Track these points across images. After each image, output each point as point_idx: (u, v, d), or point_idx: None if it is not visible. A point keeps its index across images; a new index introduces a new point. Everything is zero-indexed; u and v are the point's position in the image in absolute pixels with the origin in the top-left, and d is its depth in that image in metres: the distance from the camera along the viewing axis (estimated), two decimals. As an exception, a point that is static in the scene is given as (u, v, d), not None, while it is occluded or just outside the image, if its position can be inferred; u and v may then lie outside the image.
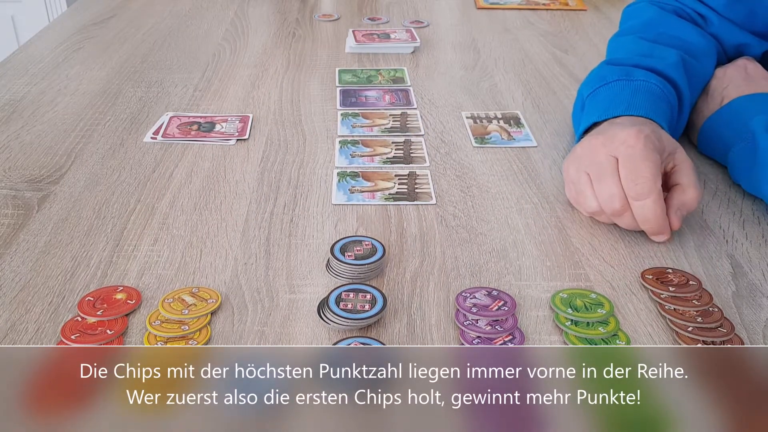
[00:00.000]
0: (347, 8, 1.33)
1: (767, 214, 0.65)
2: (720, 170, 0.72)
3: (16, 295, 0.54)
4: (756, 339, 0.51)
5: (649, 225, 0.60)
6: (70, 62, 1.03)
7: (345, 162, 0.74)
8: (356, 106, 0.88)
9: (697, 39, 0.77)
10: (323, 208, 0.66)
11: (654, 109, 0.67)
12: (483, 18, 1.27)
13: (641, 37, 0.78)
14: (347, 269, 0.56)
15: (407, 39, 1.10)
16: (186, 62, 1.03)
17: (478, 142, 0.79)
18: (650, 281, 0.55)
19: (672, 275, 0.56)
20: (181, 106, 0.88)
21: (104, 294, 0.54)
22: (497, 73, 1.00)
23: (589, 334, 0.50)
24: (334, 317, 0.51)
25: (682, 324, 0.51)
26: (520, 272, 0.58)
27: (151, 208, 0.66)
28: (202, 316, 0.52)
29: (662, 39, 0.77)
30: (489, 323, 0.51)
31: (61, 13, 1.98)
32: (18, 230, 0.62)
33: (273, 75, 0.99)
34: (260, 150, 0.77)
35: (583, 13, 1.29)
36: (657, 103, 0.68)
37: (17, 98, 0.90)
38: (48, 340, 0.50)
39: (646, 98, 0.68)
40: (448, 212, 0.66)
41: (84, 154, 0.76)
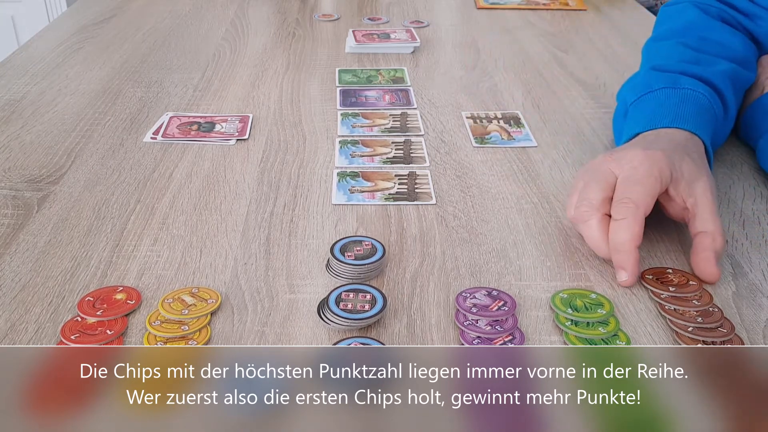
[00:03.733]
0: (347, 8, 1.33)
1: (767, 214, 0.65)
2: (719, 170, 0.72)
3: (16, 295, 0.54)
4: (756, 339, 0.51)
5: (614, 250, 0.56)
6: (70, 62, 1.03)
7: (345, 162, 0.74)
8: (356, 106, 0.88)
9: (740, 45, 0.77)
10: (323, 208, 0.66)
11: (699, 121, 0.65)
12: (483, 18, 1.27)
13: (682, 42, 0.77)
14: (347, 269, 0.56)
15: (407, 39, 1.10)
16: (186, 62, 1.03)
17: (478, 142, 0.79)
18: (650, 281, 0.55)
19: (672, 275, 0.56)
20: (181, 106, 0.88)
21: (104, 294, 0.54)
22: (497, 73, 1.00)
23: (589, 334, 0.50)
24: (334, 317, 0.51)
25: (682, 324, 0.51)
26: (520, 272, 0.58)
27: (151, 208, 0.66)
28: (202, 316, 0.52)
29: (706, 46, 0.76)
30: (489, 323, 0.51)
31: (61, 13, 1.98)
32: (18, 230, 0.62)
33: (273, 75, 0.99)
34: (260, 150, 0.77)
35: (583, 13, 1.29)
36: (702, 114, 0.66)
37: (17, 98, 0.90)
38: (48, 340, 0.50)
39: (692, 109, 0.66)
40: (448, 212, 0.66)
41: (84, 154, 0.76)
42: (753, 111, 0.74)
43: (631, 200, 0.55)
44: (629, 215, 0.55)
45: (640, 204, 0.55)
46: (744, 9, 0.80)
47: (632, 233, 0.55)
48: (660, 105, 0.67)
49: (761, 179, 0.71)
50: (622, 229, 0.55)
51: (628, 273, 0.55)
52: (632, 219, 0.55)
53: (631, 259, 0.55)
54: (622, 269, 0.55)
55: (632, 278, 0.55)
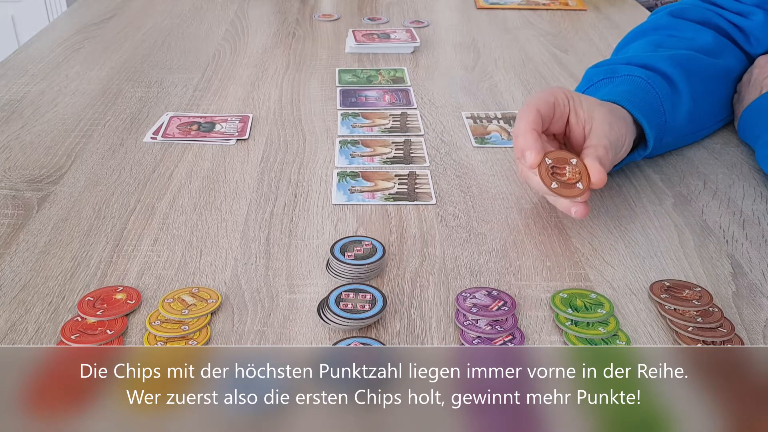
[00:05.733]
0: (347, 8, 1.33)
1: (767, 214, 0.65)
2: (719, 170, 0.72)
3: (16, 295, 0.54)
4: (756, 339, 0.51)
5: (514, 138, 0.60)
6: (70, 62, 1.03)
7: (345, 162, 0.74)
8: (356, 106, 0.88)
9: (708, 38, 0.78)
10: (323, 208, 0.66)
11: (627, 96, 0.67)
12: (483, 18, 1.27)
13: (648, 41, 0.78)
14: (347, 269, 0.56)
15: (407, 39, 1.10)
16: (186, 62, 1.03)
17: (478, 142, 0.79)
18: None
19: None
20: (181, 106, 0.88)
21: (104, 294, 0.54)
22: (497, 73, 1.00)
23: (589, 334, 0.50)
24: (334, 317, 0.51)
25: (682, 324, 0.51)
26: (520, 272, 0.58)
27: (151, 208, 0.66)
28: (202, 316, 0.52)
29: (670, 42, 0.77)
30: (489, 323, 0.51)
31: (61, 13, 1.98)
32: (18, 230, 0.62)
33: (273, 75, 0.99)
34: (260, 150, 0.77)
35: (583, 13, 1.29)
36: (635, 92, 0.68)
37: (17, 98, 0.90)
38: (48, 340, 0.50)
39: (624, 89, 0.68)
40: (448, 212, 0.66)
41: (84, 154, 0.76)
42: (753, 111, 0.74)
43: (523, 106, 0.61)
44: (521, 113, 0.61)
45: (530, 102, 0.60)
46: (733, 8, 0.80)
47: (524, 120, 0.59)
48: (595, 93, 0.70)
49: (761, 179, 0.71)
50: (516, 124, 0.60)
51: (531, 151, 0.58)
52: (522, 113, 0.60)
53: (528, 139, 0.58)
54: (527, 150, 0.58)
55: (535, 154, 0.58)
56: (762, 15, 0.79)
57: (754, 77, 0.76)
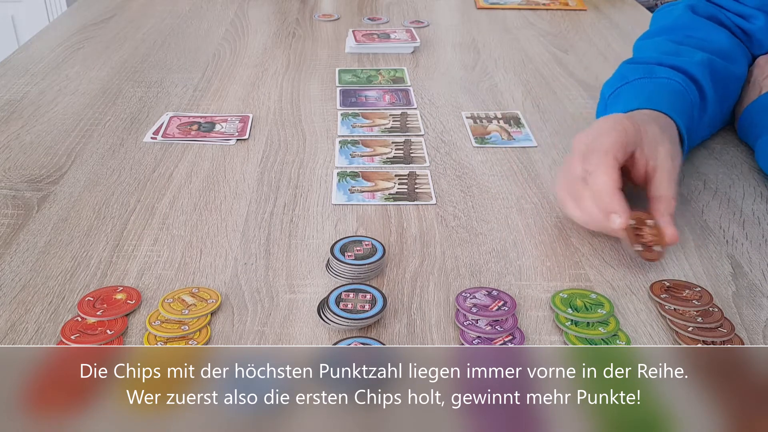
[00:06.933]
0: (347, 8, 1.33)
1: (767, 214, 0.65)
2: (719, 170, 0.72)
3: (16, 295, 0.54)
4: (756, 339, 0.51)
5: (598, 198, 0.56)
6: (70, 62, 1.03)
7: (345, 162, 0.74)
8: (356, 106, 0.88)
9: (724, 39, 0.77)
10: (323, 208, 0.66)
11: (673, 105, 0.66)
12: (483, 18, 1.27)
13: (667, 38, 0.78)
14: (347, 269, 0.56)
15: (407, 39, 1.10)
16: (186, 62, 1.03)
17: (478, 142, 0.79)
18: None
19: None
20: (181, 106, 0.88)
21: (104, 294, 0.54)
22: (497, 73, 1.00)
23: (589, 334, 0.50)
24: (334, 317, 0.51)
25: (682, 324, 0.51)
26: (520, 272, 0.58)
27: (151, 208, 0.66)
28: (202, 317, 0.52)
29: (689, 41, 0.77)
30: (489, 323, 0.51)
31: (61, 13, 1.98)
32: (18, 230, 0.62)
33: (273, 75, 0.99)
34: (260, 150, 0.77)
35: (583, 13, 1.29)
36: (677, 100, 0.67)
37: (17, 98, 0.90)
38: (48, 340, 0.50)
39: (666, 95, 0.67)
40: (448, 212, 0.66)
41: (84, 154, 0.76)
42: (752, 111, 0.74)
43: (599, 149, 0.56)
44: (600, 162, 0.55)
45: (609, 149, 0.56)
46: (736, 10, 0.80)
47: (608, 176, 0.55)
48: (635, 93, 0.69)
49: (761, 179, 0.71)
50: (597, 175, 0.55)
51: (618, 214, 0.55)
52: (604, 165, 0.55)
53: (615, 200, 0.55)
54: (612, 213, 0.55)
55: (624, 218, 0.55)
56: (764, 18, 0.79)
57: (754, 77, 0.76)
